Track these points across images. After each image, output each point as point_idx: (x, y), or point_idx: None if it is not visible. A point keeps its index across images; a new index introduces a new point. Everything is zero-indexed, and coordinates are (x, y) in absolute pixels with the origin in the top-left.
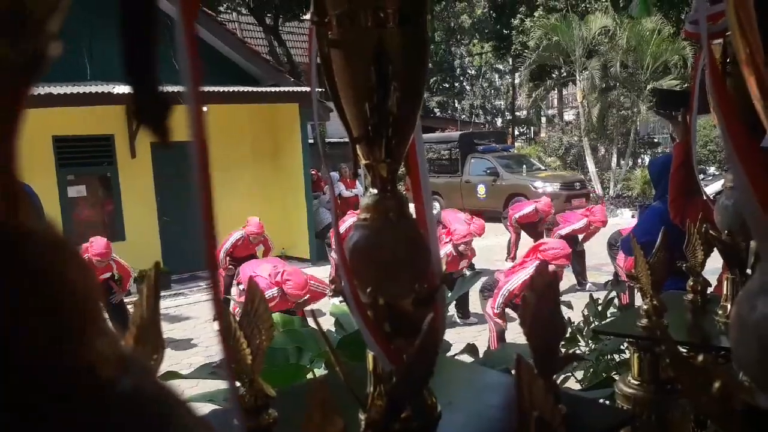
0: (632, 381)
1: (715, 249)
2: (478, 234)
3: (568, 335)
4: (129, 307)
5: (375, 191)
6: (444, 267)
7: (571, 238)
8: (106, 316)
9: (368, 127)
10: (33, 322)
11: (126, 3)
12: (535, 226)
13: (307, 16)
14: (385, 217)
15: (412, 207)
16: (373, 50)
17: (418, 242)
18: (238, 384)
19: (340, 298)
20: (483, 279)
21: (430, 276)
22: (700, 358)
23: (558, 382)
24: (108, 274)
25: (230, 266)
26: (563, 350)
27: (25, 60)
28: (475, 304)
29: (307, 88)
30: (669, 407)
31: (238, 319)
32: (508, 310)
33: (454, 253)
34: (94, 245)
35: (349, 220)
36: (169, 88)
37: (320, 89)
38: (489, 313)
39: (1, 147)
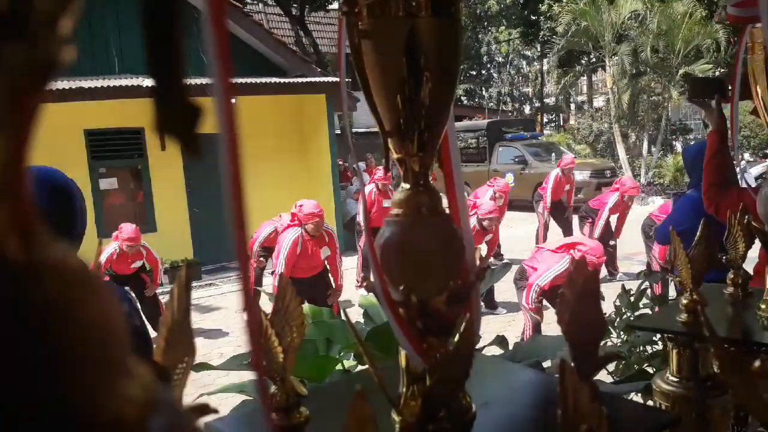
0: (671, 378)
1: (756, 240)
2: (502, 192)
3: None
4: (162, 299)
5: (407, 186)
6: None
7: (606, 233)
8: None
9: (400, 120)
10: (47, 370)
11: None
12: (563, 209)
13: (334, 6)
14: (418, 213)
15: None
16: (405, 40)
17: (451, 238)
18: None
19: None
20: (514, 268)
21: (464, 272)
22: (757, 363)
23: None
24: (139, 263)
25: (261, 258)
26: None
27: (33, 68)
28: (503, 294)
29: (335, 79)
30: (709, 405)
31: (269, 315)
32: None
33: (478, 227)
34: (124, 230)
35: (366, 189)
36: (199, 81)
37: (348, 79)
38: (525, 306)
39: (7, 169)
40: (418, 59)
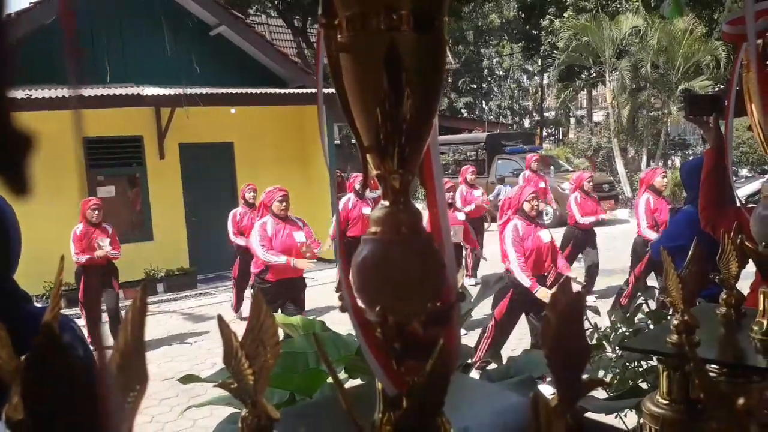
0: (660, 400)
1: (749, 261)
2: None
3: (594, 342)
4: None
5: (386, 204)
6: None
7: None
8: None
9: (380, 136)
10: None
11: None
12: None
13: None
14: (397, 232)
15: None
16: (385, 55)
17: (432, 258)
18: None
19: None
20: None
21: (444, 293)
22: (741, 401)
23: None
24: (105, 241)
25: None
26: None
27: None
28: None
29: (334, 90)
30: (699, 428)
31: (240, 337)
32: None
33: None
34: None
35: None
36: (202, 91)
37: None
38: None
39: None
40: (398, 74)
